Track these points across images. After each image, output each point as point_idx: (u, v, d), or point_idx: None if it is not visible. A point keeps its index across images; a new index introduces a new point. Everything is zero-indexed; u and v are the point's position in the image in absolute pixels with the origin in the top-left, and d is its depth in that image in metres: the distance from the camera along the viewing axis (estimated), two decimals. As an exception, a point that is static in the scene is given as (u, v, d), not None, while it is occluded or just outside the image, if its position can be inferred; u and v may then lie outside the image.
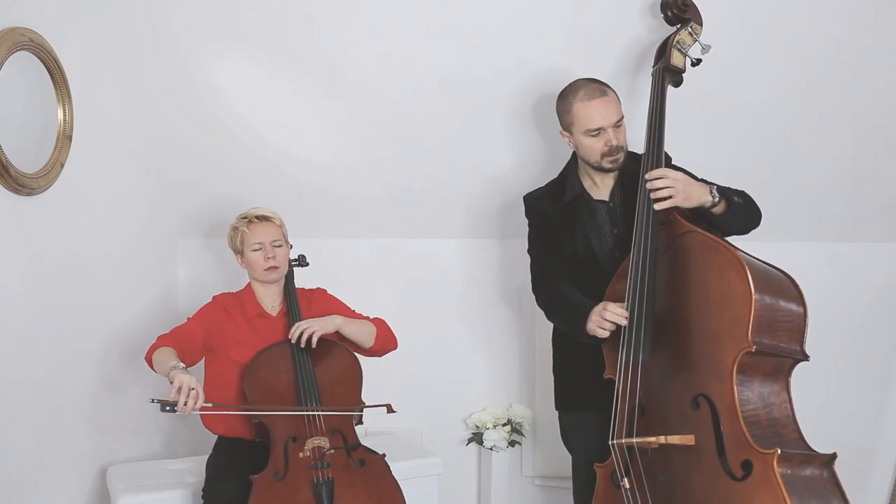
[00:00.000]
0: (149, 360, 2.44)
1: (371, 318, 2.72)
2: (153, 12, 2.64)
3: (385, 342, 2.69)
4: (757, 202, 2.32)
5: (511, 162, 3.05)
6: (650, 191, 2.19)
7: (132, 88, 2.86)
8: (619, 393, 2.17)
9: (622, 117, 2.34)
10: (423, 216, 3.27)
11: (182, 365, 2.33)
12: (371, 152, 3.07)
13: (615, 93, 2.36)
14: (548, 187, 2.54)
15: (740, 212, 2.24)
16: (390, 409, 2.53)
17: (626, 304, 2.17)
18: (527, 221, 2.54)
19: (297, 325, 2.53)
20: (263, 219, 2.63)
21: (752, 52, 2.66)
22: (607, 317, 2.17)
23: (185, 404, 2.19)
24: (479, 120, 2.93)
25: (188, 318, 2.61)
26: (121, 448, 2.93)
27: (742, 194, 2.29)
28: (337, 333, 2.60)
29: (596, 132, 2.32)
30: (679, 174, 2.21)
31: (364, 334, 2.63)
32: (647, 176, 2.22)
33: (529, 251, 2.53)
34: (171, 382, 2.23)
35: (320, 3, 2.61)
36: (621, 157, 2.35)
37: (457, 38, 2.69)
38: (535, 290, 2.49)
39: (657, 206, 2.18)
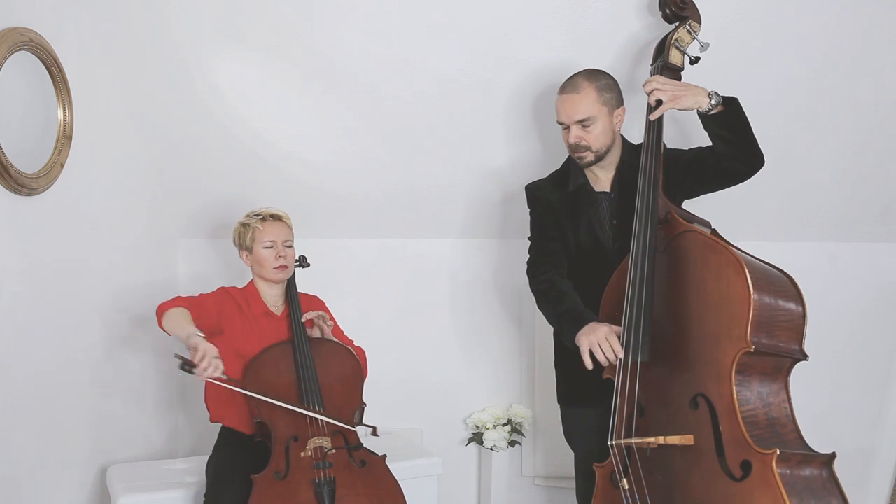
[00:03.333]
0: (160, 314, 2.45)
1: (354, 345, 2.74)
2: (153, 13, 2.64)
3: None
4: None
5: (511, 161, 3.05)
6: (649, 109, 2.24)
7: (132, 88, 2.86)
8: (618, 393, 2.17)
9: (590, 117, 2.32)
10: (423, 216, 3.27)
11: (202, 333, 2.34)
12: (371, 152, 3.07)
13: (601, 90, 2.32)
14: (550, 178, 2.55)
15: (739, 118, 2.22)
16: (375, 433, 2.52)
17: (625, 301, 2.17)
18: (528, 211, 2.55)
19: (318, 312, 2.57)
20: (277, 218, 2.64)
21: (751, 52, 2.66)
22: (603, 346, 2.14)
23: (204, 370, 2.22)
24: (478, 119, 2.93)
25: (201, 294, 2.60)
26: (121, 448, 2.93)
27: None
28: None
29: (562, 125, 2.36)
30: (668, 79, 2.25)
31: None
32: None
33: (530, 239, 2.54)
34: (194, 349, 2.25)
35: (320, 3, 2.61)
36: (586, 156, 2.36)
37: (457, 37, 2.69)
38: (529, 272, 2.49)
39: (650, 117, 2.24)
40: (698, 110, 2.23)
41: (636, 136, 2.45)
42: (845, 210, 3.11)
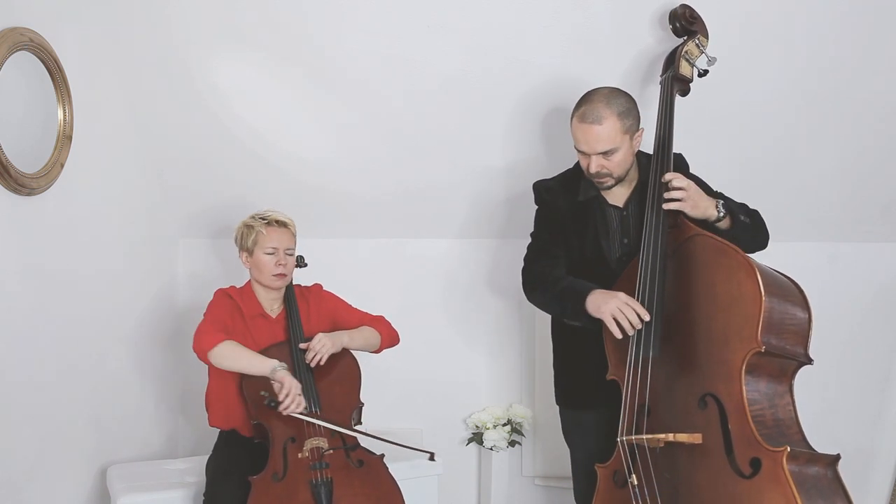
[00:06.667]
0: (204, 353, 2.39)
1: (370, 316, 2.72)
2: (153, 12, 2.64)
3: (390, 342, 2.71)
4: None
5: (511, 162, 3.05)
6: (665, 189, 2.20)
7: (132, 88, 2.86)
8: (627, 391, 2.17)
9: (613, 148, 2.23)
10: (423, 216, 3.27)
11: (285, 364, 2.40)
12: (371, 152, 3.07)
13: (622, 117, 2.23)
14: (560, 180, 2.49)
15: (745, 230, 2.24)
16: (432, 458, 2.53)
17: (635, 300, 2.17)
18: (536, 208, 2.51)
19: (311, 348, 2.51)
20: (282, 224, 2.60)
21: (754, 53, 2.66)
22: (626, 311, 2.12)
23: (286, 407, 2.33)
24: (478, 120, 2.93)
25: (208, 310, 2.55)
26: (121, 448, 2.93)
27: (752, 214, 2.29)
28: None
29: (581, 153, 2.30)
30: (693, 183, 2.22)
31: (369, 343, 2.65)
32: (665, 176, 2.22)
33: (532, 235, 2.50)
34: (281, 383, 2.34)
35: (320, 3, 2.61)
36: (607, 181, 2.30)
37: (457, 38, 2.69)
38: (524, 270, 2.45)
39: (665, 206, 2.19)
40: (708, 220, 2.22)
41: (646, 149, 2.44)
42: (845, 210, 3.11)
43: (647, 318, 2.13)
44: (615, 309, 2.14)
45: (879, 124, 2.83)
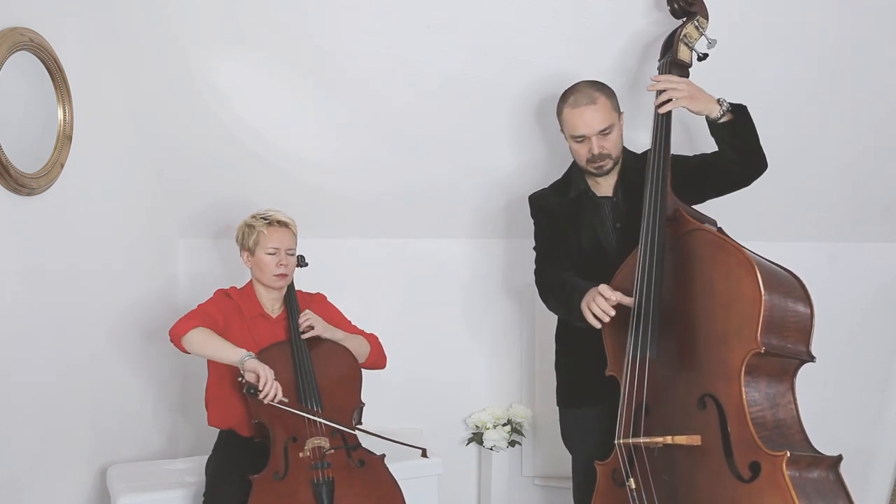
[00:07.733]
0: (178, 338, 2.40)
1: (366, 333, 2.73)
2: (153, 12, 2.64)
3: (376, 361, 2.72)
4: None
5: (511, 162, 3.05)
6: (657, 96, 2.25)
7: (132, 88, 2.86)
8: (625, 390, 2.16)
9: (610, 125, 2.33)
10: (424, 216, 3.27)
11: (252, 353, 2.36)
12: (371, 152, 3.07)
13: (609, 97, 2.35)
14: (553, 186, 2.55)
15: (748, 127, 2.25)
16: (425, 454, 2.59)
17: (633, 298, 2.16)
18: (533, 221, 2.55)
19: (307, 314, 2.55)
20: (283, 225, 2.61)
21: (753, 52, 2.66)
22: (599, 302, 2.16)
23: (266, 395, 2.29)
24: (479, 119, 2.93)
25: (200, 305, 2.57)
26: (121, 448, 2.92)
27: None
28: None
29: (580, 139, 2.34)
30: (687, 79, 2.27)
31: (359, 352, 2.65)
32: (651, 78, 2.29)
33: (535, 248, 2.54)
34: (253, 372, 2.30)
35: (320, 3, 2.61)
36: (607, 164, 2.36)
37: (457, 38, 2.69)
38: (536, 281, 2.50)
39: (660, 110, 2.24)
40: (708, 117, 2.24)
41: (643, 137, 2.44)
42: (845, 210, 3.11)
43: (611, 313, 2.15)
44: (588, 301, 2.20)
45: (879, 124, 2.83)
